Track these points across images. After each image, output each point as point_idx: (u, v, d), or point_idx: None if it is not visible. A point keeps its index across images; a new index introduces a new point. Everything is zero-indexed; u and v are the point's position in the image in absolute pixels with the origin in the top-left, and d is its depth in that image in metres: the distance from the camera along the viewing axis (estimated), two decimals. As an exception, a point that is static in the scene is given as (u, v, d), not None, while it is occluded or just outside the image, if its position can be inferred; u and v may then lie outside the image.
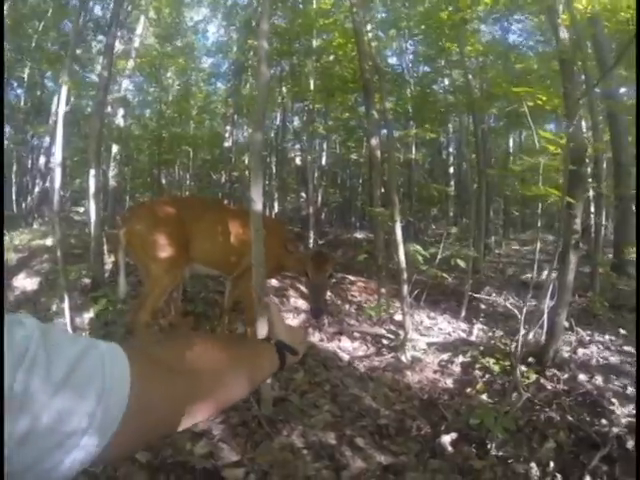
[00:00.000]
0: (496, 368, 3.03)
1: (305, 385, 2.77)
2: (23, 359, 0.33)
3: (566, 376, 2.89)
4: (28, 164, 11.65)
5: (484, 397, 2.77)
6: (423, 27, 6.44)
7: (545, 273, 5.15)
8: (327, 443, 2.20)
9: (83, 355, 0.38)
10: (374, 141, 3.98)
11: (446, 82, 8.55)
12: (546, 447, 2.19)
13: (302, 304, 4.24)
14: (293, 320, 3.89)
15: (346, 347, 3.50)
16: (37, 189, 9.95)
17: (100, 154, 4.95)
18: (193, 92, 9.06)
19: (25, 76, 10.57)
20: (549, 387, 2.79)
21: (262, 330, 2.25)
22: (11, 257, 5.43)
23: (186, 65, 8.70)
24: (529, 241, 9.60)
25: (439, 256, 3.65)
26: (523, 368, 2.88)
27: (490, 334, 3.89)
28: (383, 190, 4.59)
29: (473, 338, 3.83)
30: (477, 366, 3.16)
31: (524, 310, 2.45)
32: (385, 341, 3.60)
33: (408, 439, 2.31)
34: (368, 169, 5.84)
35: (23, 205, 11.01)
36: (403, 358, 3.27)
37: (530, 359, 3.07)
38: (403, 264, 3.47)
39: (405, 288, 3.48)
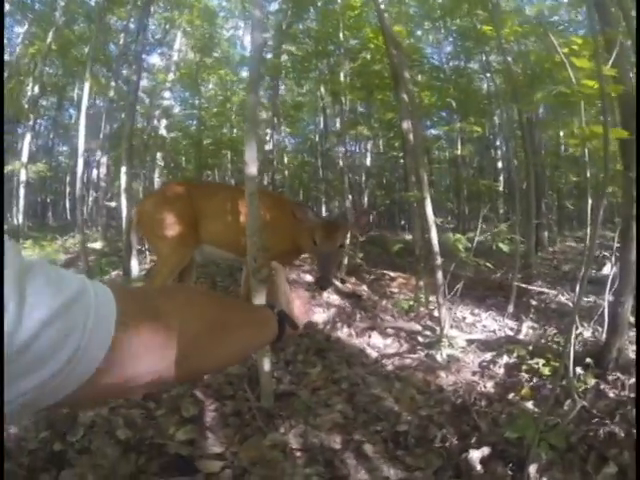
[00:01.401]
0: (546, 370, 2.65)
1: (320, 381, 2.57)
2: None
3: (632, 381, 2.35)
4: (83, 177, 12.50)
5: (529, 405, 2.38)
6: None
7: (605, 268, 4.74)
8: (329, 447, 1.97)
9: (63, 310, 0.35)
10: (405, 125, 3.79)
11: (487, 75, 8.19)
12: (605, 472, 1.69)
13: (335, 299, 4.09)
14: (322, 315, 3.72)
15: (376, 344, 3.28)
16: (90, 199, 10.56)
17: (131, 152, 5.23)
18: (232, 100, 9.24)
19: (75, 96, 11.35)
20: (611, 394, 2.29)
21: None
22: (59, 257, 5.87)
23: (225, 75, 8.92)
24: (586, 238, 8.83)
25: (476, 238, 3.32)
26: (579, 371, 2.46)
27: (541, 332, 3.52)
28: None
29: (521, 336, 3.48)
30: (524, 368, 2.78)
31: (579, 303, 2.04)
32: (421, 338, 3.35)
33: (429, 451, 1.97)
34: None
35: (78, 214, 11.79)
36: (438, 356, 2.99)
37: (588, 360, 2.57)
38: (436, 247, 3.20)
39: (439, 275, 3.20)
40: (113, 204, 8.12)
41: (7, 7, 9.66)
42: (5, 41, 11.16)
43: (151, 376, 0.45)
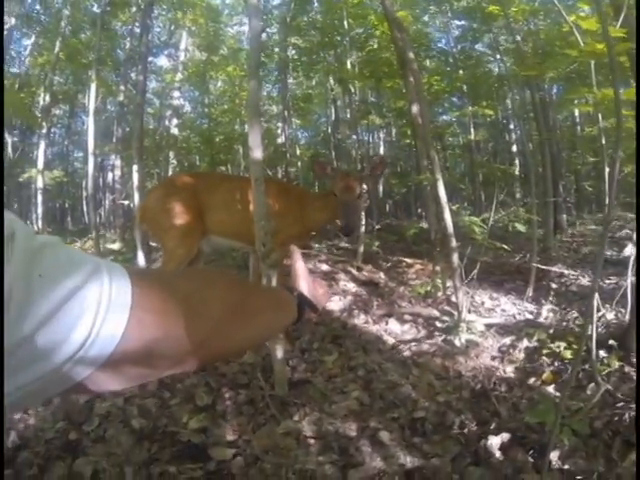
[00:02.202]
0: (568, 354, 2.57)
1: (336, 369, 2.54)
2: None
3: (658, 362, 2.27)
4: (99, 181, 12.72)
5: (551, 389, 2.31)
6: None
7: (627, 249, 4.60)
8: (344, 434, 1.94)
9: (74, 292, 0.33)
10: (414, 109, 3.71)
11: (497, 56, 8.02)
12: (630, 459, 1.60)
13: (352, 287, 4.05)
14: (339, 302, 3.68)
15: (394, 330, 3.23)
16: (107, 202, 10.74)
17: (142, 151, 5.28)
18: (241, 95, 9.27)
19: (86, 103, 11.53)
20: (636, 377, 2.15)
21: None
22: None
23: (232, 71, 8.92)
24: (605, 221, 8.59)
25: (491, 220, 3.23)
26: (602, 353, 2.38)
27: (562, 315, 3.42)
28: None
29: (541, 320, 3.40)
30: (544, 352, 2.70)
31: (596, 283, 1.93)
32: (439, 323, 3.29)
33: (447, 438, 1.92)
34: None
35: (96, 217, 12.04)
36: (456, 341, 2.93)
37: (611, 342, 2.49)
38: (450, 229, 3.11)
39: (455, 258, 3.12)
40: (126, 202, 8.23)
41: (13, 21, 9.89)
42: (14, 54, 11.43)
43: (169, 360, 0.43)
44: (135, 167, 4.75)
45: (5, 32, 10.21)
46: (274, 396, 2.14)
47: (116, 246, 6.89)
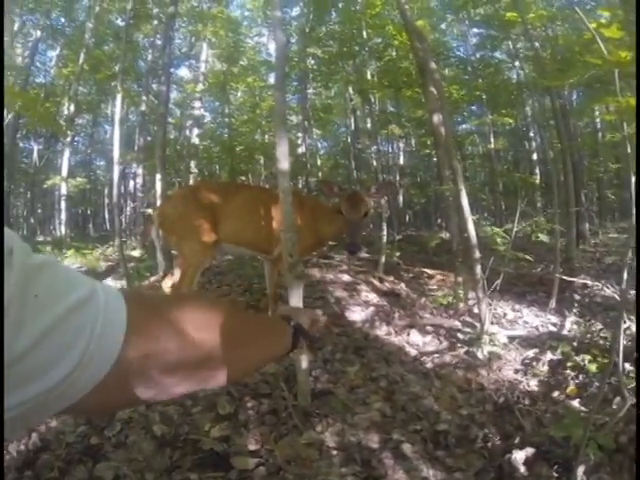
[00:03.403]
0: (593, 367, 2.53)
1: (358, 380, 2.52)
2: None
3: (685, 377, 2.26)
4: (121, 189, 13.00)
5: (575, 403, 2.28)
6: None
7: None
8: (366, 446, 1.92)
9: (69, 314, 0.34)
10: (435, 118, 3.71)
11: (516, 64, 7.97)
12: None
13: (373, 297, 4.04)
14: (361, 313, 3.67)
15: (415, 341, 3.21)
16: (129, 209, 10.95)
17: (165, 160, 5.37)
18: (262, 106, 9.38)
19: (109, 112, 11.83)
20: None
21: (295, 301, 2.11)
22: (100, 265, 6.17)
23: (253, 82, 9.04)
24: (630, 229, 8.40)
25: (514, 230, 3.20)
26: (628, 367, 2.31)
27: (586, 327, 3.35)
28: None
29: (565, 332, 3.33)
30: (569, 365, 2.66)
31: (625, 295, 1.91)
32: (461, 335, 3.25)
33: (470, 452, 1.90)
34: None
35: (117, 224, 12.26)
36: (479, 354, 2.90)
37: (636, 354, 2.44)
38: (474, 240, 3.10)
39: (478, 269, 3.11)
40: (149, 211, 8.37)
41: (39, 34, 10.21)
42: (39, 65, 11.78)
43: (162, 384, 0.43)
44: (158, 176, 4.82)
45: (30, 44, 10.57)
46: (296, 406, 2.14)
47: (137, 253, 7.00)
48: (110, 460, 1.77)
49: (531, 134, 10.71)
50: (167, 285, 3.07)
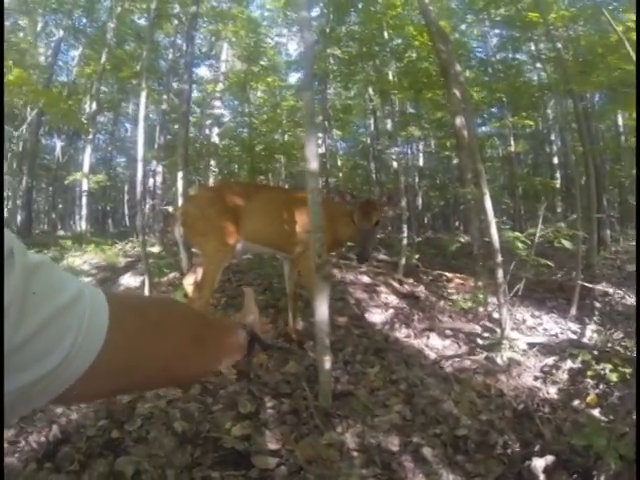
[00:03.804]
0: (613, 377, 2.52)
1: (378, 382, 2.52)
2: None
3: None
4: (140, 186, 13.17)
5: (596, 413, 2.27)
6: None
7: None
8: (386, 449, 1.93)
9: (62, 312, 0.37)
10: (459, 121, 3.69)
11: (537, 65, 7.84)
12: None
13: (393, 300, 4.04)
14: (380, 315, 3.68)
15: (435, 345, 3.21)
16: (147, 206, 11.08)
17: (187, 157, 5.42)
18: (280, 105, 9.41)
19: (129, 111, 12.00)
20: None
21: (321, 306, 2.09)
22: (119, 260, 6.22)
23: (273, 82, 9.07)
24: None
25: (537, 234, 3.17)
26: None
27: (606, 336, 3.31)
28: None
29: (585, 340, 3.30)
30: (589, 373, 2.65)
31: None
32: (480, 340, 3.24)
33: (490, 457, 1.90)
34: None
35: (136, 220, 12.40)
36: (498, 359, 2.89)
37: None
38: (496, 244, 3.10)
39: (499, 274, 3.10)
40: (170, 208, 8.45)
41: (61, 33, 10.41)
42: (61, 64, 12.00)
43: (137, 378, 0.48)
44: (180, 174, 4.86)
45: (53, 43, 10.78)
46: (317, 407, 2.15)
47: (156, 249, 7.08)
48: (131, 454, 1.79)
49: (552, 137, 10.54)
50: (188, 282, 3.11)
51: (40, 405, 0.39)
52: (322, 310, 2.11)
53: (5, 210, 14.61)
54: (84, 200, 9.61)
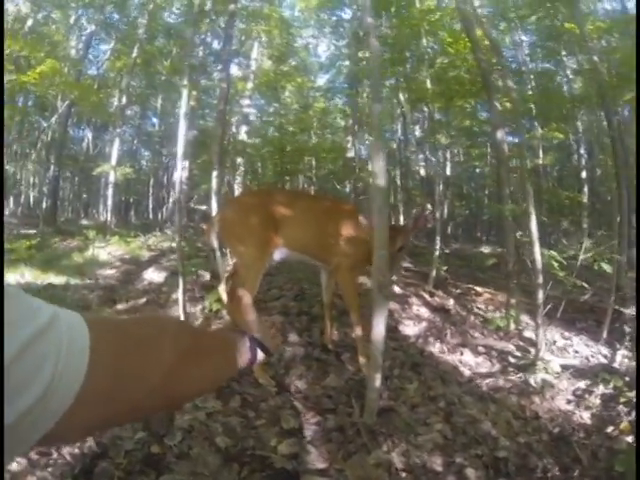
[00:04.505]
0: (645, 405, 2.52)
1: (417, 398, 2.53)
2: None
3: None
4: (164, 180, 13.32)
5: (629, 440, 2.24)
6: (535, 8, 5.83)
7: None
8: (431, 469, 1.94)
9: (34, 340, 0.34)
10: (499, 134, 3.67)
11: (568, 72, 7.72)
12: None
13: (424, 312, 4.02)
14: (414, 327, 3.68)
15: (468, 361, 3.20)
16: (171, 200, 11.22)
17: (222, 156, 5.42)
18: (312, 107, 9.42)
19: (158, 106, 12.14)
20: None
21: (379, 325, 2.09)
22: (142, 254, 6.26)
23: (302, 83, 9.09)
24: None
25: (581, 257, 3.15)
26: None
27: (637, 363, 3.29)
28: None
29: (616, 365, 3.27)
30: (621, 400, 2.63)
31: None
32: (512, 359, 3.22)
33: (530, 481, 1.90)
34: (496, 168, 5.44)
35: (159, 215, 12.55)
36: (532, 380, 2.88)
37: None
38: (539, 265, 3.08)
39: (540, 294, 3.08)
40: (203, 207, 8.49)
41: (93, 27, 10.56)
42: (92, 57, 12.18)
43: (130, 403, 0.45)
44: (214, 173, 4.81)
45: (84, 37, 10.95)
46: (363, 424, 2.15)
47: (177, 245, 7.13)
48: (174, 472, 1.73)
49: (581, 151, 10.39)
50: (223, 289, 3.12)
51: (32, 443, 0.36)
52: (379, 329, 2.10)
53: (31, 197, 14.96)
54: (110, 191, 9.74)
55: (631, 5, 7.14)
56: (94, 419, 0.42)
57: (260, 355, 0.77)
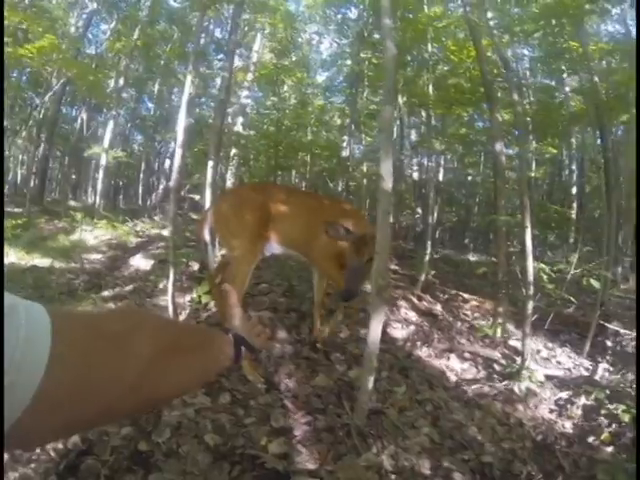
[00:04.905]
0: (626, 418, 2.56)
1: (406, 401, 2.55)
2: None
3: None
4: (155, 166, 13.17)
5: (609, 450, 2.33)
6: (541, 23, 5.90)
7: None
8: (420, 472, 1.95)
9: None
10: (498, 145, 3.71)
11: (567, 89, 7.84)
12: None
13: (412, 316, 4.04)
14: (402, 331, 3.69)
15: (454, 367, 3.24)
16: (161, 187, 11.08)
17: (220, 147, 5.33)
18: (309, 103, 9.38)
19: (155, 91, 11.98)
20: None
21: (376, 328, 2.10)
22: (130, 240, 6.16)
23: (302, 78, 9.04)
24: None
25: (571, 272, 3.21)
26: None
27: (619, 376, 3.36)
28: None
29: (597, 378, 3.34)
30: (602, 412, 2.71)
31: None
32: (497, 367, 3.27)
33: (515, 486, 1.94)
34: (489, 178, 5.49)
35: (148, 201, 12.41)
36: (516, 388, 2.93)
37: None
38: (531, 277, 3.12)
39: (530, 305, 3.13)
40: (197, 197, 8.38)
41: (94, 5, 10.37)
42: (91, 36, 11.96)
43: (101, 404, 0.41)
44: (210, 163, 4.74)
45: (84, 15, 10.75)
46: (353, 425, 2.14)
47: (167, 232, 7.05)
48: (163, 471, 1.68)
49: (573, 167, 10.55)
50: (214, 281, 3.11)
51: None
52: (376, 331, 2.10)
53: (19, 175, 14.65)
54: (100, 174, 9.58)
55: (634, 29, 7.28)
56: (59, 420, 0.38)
57: (244, 353, 0.76)
